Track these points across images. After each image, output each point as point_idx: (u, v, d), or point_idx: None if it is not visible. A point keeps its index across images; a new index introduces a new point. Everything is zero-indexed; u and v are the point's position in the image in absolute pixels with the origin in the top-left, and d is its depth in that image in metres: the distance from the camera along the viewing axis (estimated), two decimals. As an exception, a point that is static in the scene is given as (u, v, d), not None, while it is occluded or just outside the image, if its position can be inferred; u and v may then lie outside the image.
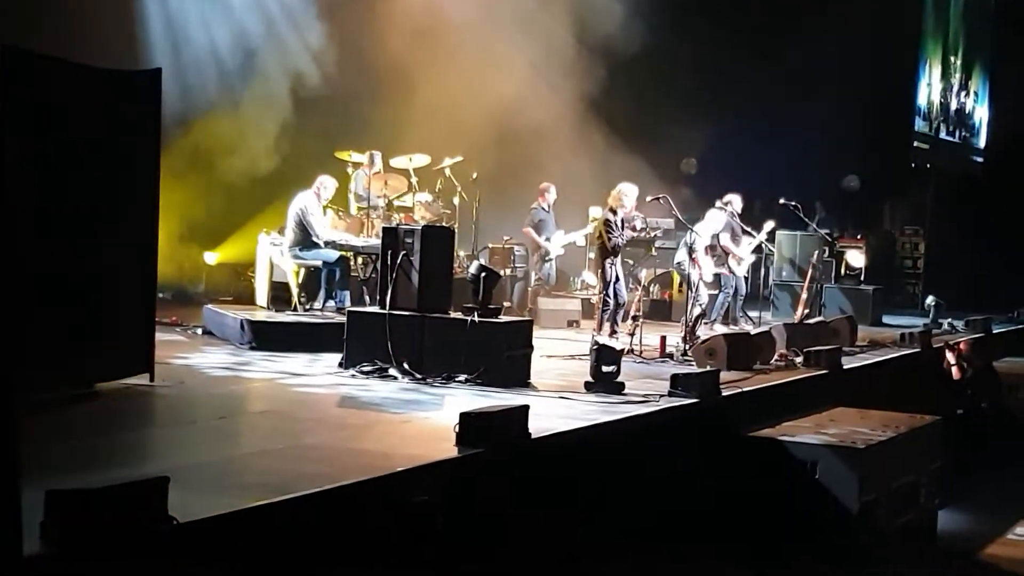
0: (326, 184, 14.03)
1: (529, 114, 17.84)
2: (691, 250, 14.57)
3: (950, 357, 15.57)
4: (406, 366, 10.21)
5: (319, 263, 13.72)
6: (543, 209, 16.35)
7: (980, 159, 30.01)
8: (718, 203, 16.10)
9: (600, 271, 14.13)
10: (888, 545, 10.09)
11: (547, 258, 16.38)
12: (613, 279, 13.97)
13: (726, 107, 21.32)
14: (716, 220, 15.79)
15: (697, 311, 14.06)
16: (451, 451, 7.01)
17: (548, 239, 16.30)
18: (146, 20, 16.06)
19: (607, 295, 13.92)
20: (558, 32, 18.83)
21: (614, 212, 14.09)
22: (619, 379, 10.02)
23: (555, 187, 16.49)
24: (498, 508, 7.09)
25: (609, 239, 13.84)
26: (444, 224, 14.58)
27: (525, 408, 7.64)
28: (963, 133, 29.57)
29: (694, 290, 14.41)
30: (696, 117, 21.13)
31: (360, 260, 14.37)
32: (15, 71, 7.59)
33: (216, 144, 16.47)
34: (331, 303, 13.73)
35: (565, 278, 17.79)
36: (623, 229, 14.09)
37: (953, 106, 28.76)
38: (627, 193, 14.24)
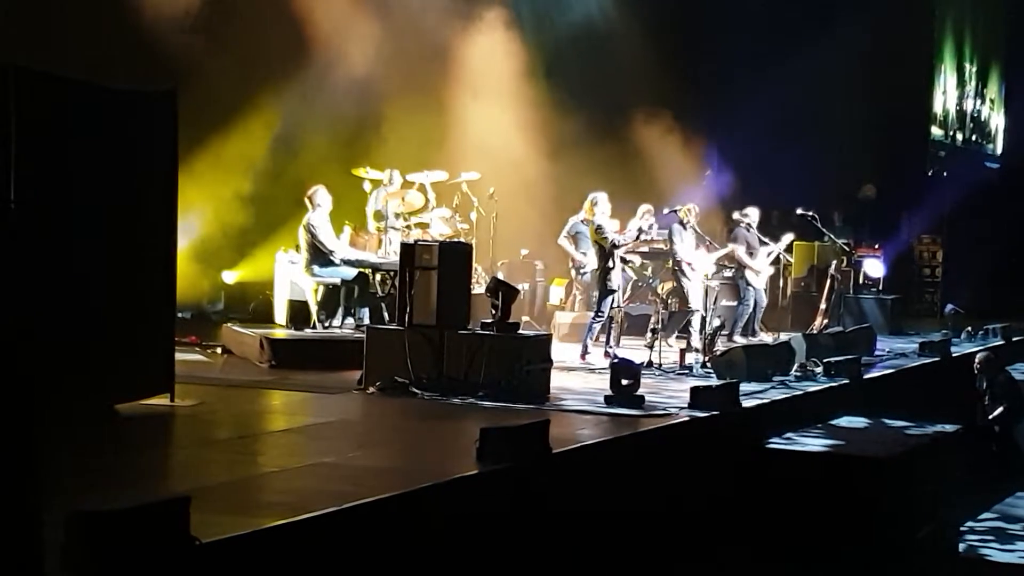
0: (318, 191, 13.70)
1: (548, 128, 17.90)
2: (676, 263, 14.56)
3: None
4: (425, 382, 10.22)
5: (337, 280, 13.71)
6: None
7: (996, 166, 29.94)
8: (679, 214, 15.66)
9: (603, 281, 13.67)
10: (909, 555, 10.05)
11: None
12: (617, 287, 13.84)
13: (741, 119, 21.27)
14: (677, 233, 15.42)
15: (716, 323, 14.00)
16: (472, 467, 7.00)
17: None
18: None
19: (600, 310, 13.56)
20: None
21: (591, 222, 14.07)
22: (639, 393, 10.00)
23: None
24: (519, 523, 7.08)
25: (606, 238, 13.56)
26: (462, 239, 14.56)
27: (545, 423, 7.64)
28: (979, 140, 29.52)
29: (689, 300, 14.41)
30: (712, 129, 21.11)
31: (378, 277, 14.35)
32: (28, 91, 7.60)
33: (233, 162, 16.47)
34: (350, 320, 13.73)
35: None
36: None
37: (969, 113, 28.71)
38: (599, 201, 14.11)
